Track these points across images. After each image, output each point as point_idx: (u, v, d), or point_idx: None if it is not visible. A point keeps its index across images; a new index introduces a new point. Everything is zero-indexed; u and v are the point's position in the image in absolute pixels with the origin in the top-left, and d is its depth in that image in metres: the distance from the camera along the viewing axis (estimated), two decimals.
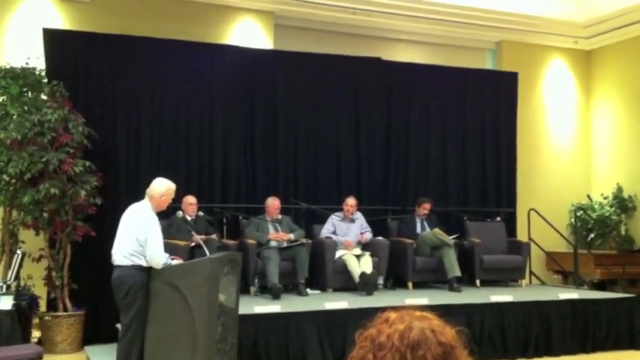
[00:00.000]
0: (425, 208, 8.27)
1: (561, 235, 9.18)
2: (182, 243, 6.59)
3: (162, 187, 5.10)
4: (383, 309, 1.45)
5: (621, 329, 6.92)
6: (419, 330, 1.31)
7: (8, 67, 6.79)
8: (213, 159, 7.95)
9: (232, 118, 8.08)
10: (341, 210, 7.99)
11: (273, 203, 7.63)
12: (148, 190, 5.11)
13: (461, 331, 1.37)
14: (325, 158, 8.54)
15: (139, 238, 4.85)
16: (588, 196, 10.34)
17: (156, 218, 4.99)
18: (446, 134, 9.21)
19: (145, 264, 4.87)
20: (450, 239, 7.86)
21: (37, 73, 6.90)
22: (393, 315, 1.38)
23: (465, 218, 8.73)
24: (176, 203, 5.94)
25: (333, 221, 7.92)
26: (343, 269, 7.41)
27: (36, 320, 6.61)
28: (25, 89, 6.85)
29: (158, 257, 4.87)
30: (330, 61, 8.68)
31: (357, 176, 8.67)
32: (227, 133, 8.04)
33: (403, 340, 1.31)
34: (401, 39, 9.79)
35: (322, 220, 8.05)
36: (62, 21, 7.80)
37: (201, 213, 7.32)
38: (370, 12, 9.13)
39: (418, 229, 8.22)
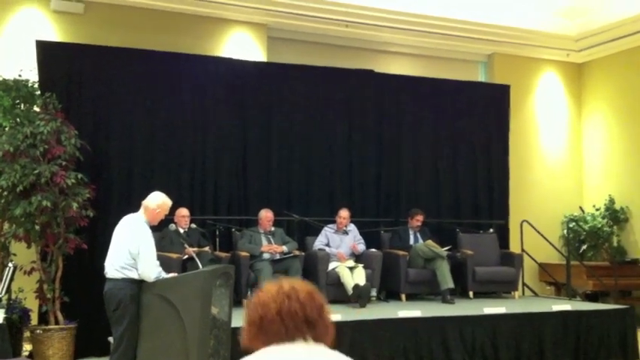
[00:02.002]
0: (417, 219, 8.28)
1: (554, 247, 9.19)
2: (174, 255, 6.56)
3: (158, 199, 5.10)
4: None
5: (613, 341, 6.93)
6: (289, 283, 1.80)
7: (0, 79, 6.78)
8: (206, 171, 7.93)
9: (225, 130, 8.07)
10: (334, 222, 8.00)
11: (266, 215, 7.62)
12: (144, 201, 5.11)
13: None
14: (318, 170, 8.53)
15: (131, 250, 4.84)
16: (580, 207, 10.38)
17: (149, 231, 4.98)
18: (438, 146, 9.23)
19: (136, 277, 4.85)
20: (443, 251, 7.87)
21: (30, 85, 6.89)
22: (266, 286, 1.80)
23: (457, 230, 8.74)
24: (169, 216, 5.92)
25: (327, 233, 7.91)
26: (336, 281, 7.40)
27: (27, 333, 6.57)
28: (17, 101, 6.83)
29: (150, 270, 4.86)
30: (323, 74, 8.70)
31: (350, 188, 8.67)
32: (220, 144, 8.02)
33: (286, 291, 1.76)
34: (393, 51, 9.84)
35: (315, 232, 8.04)
36: (55, 33, 7.81)
37: (193, 225, 7.30)
38: (363, 25, 9.17)
39: (411, 241, 8.22)
